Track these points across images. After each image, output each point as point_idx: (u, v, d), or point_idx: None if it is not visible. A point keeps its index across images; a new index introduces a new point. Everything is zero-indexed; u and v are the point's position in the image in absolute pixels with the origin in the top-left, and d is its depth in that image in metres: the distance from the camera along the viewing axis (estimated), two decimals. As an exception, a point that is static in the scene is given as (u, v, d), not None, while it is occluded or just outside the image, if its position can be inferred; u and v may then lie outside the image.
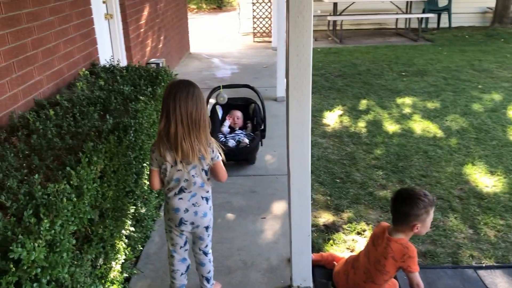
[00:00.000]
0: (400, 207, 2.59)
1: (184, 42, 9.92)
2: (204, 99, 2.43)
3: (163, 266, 3.09)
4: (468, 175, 4.39)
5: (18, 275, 1.62)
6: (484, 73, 8.08)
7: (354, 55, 9.82)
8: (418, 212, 2.52)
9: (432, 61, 9.00)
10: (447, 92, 6.98)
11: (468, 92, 6.95)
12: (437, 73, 8.10)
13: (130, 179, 2.73)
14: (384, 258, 2.59)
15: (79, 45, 4.29)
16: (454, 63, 8.81)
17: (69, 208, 1.94)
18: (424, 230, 2.60)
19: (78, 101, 3.25)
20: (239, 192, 4.10)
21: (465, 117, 5.90)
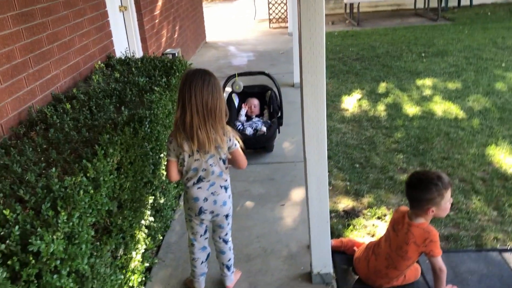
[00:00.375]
0: (412, 191, 2.54)
1: (200, 31, 9.90)
2: (220, 88, 2.40)
3: (184, 255, 3.11)
4: (491, 156, 4.28)
5: (38, 267, 1.64)
6: (507, 50, 7.84)
7: (372, 38, 9.65)
8: (431, 196, 2.47)
9: (453, 41, 8.78)
10: (469, 72, 6.81)
11: (490, 71, 6.76)
12: (458, 53, 7.90)
13: (148, 170, 2.75)
14: (406, 244, 2.55)
15: (94, 38, 4.32)
16: (476, 42, 8.58)
17: (86, 200, 1.96)
18: (442, 212, 2.54)
19: (94, 94, 3.27)
20: (258, 180, 4.09)
21: (488, 97, 5.75)
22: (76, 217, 1.86)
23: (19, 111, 3.00)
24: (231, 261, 2.73)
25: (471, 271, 2.86)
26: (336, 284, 2.78)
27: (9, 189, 2.04)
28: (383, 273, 2.67)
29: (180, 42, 7.95)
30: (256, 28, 12.13)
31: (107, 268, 2.21)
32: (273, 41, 10.07)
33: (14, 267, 1.59)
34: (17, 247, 1.64)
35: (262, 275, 2.87)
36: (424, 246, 2.51)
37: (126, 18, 5.81)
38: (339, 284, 2.79)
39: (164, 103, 3.09)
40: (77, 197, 1.91)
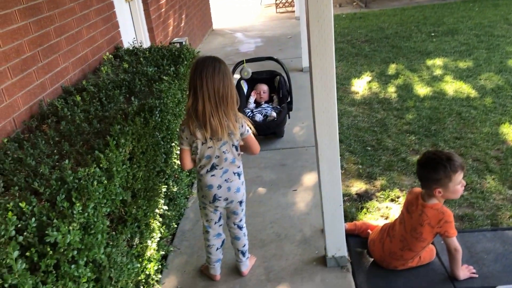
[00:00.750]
0: (420, 170, 2.53)
1: (206, 19, 9.85)
2: (231, 75, 2.40)
3: (199, 242, 3.14)
4: (505, 134, 4.22)
5: (56, 258, 1.67)
6: (519, 26, 7.71)
7: (381, 19, 9.52)
8: (437, 177, 2.44)
9: (463, 19, 8.64)
10: (480, 50, 6.70)
11: (502, 48, 6.65)
12: (468, 31, 7.77)
13: (160, 159, 2.76)
14: (420, 225, 2.54)
15: (102, 29, 4.31)
16: (487, 19, 8.42)
17: (100, 190, 1.97)
18: (451, 195, 2.50)
19: (104, 85, 3.28)
20: (269, 166, 4.09)
21: (501, 75, 5.66)
22: (91, 208, 1.88)
23: (30, 104, 3.02)
24: (245, 247, 2.75)
25: (487, 250, 2.84)
26: (351, 266, 2.78)
27: (24, 182, 2.06)
28: (398, 255, 2.67)
29: (187, 30, 7.92)
30: (263, 13, 12.03)
31: (124, 257, 2.24)
32: (280, 26, 9.99)
33: (33, 258, 1.61)
34: (34, 239, 1.66)
35: (277, 260, 2.88)
36: (439, 227, 2.50)
37: (132, 8, 5.79)
38: (354, 266, 2.80)
39: (174, 92, 3.09)
40: (91, 188, 1.92)
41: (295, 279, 2.70)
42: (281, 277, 2.73)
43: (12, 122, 2.80)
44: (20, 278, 1.50)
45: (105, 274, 2.00)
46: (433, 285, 2.62)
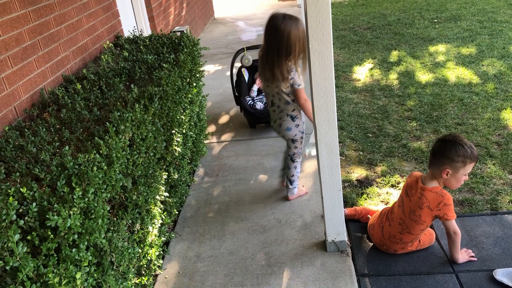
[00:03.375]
0: (440, 144, 2.51)
1: (208, 8, 9.81)
2: (290, 30, 2.79)
3: (200, 229, 3.17)
4: (507, 119, 4.22)
5: (57, 242, 1.69)
6: (523, 12, 7.64)
7: (383, 6, 9.46)
8: (454, 157, 2.44)
9: (466, 5, 8.57)
10: (483, 36, 6.65)
11: (505, 34, 6.60)
12: (471, 17, 7.71)
13: (160, 146, 2.77)
14: (419, 208, 2.55)
15: (102, 18, 4.31)
16: (490, 5, 8.35)
17: (100, 176, 1.99)
18: (453, 181, 2.51)
19: (104, 74, 3.29)
20: (271, 153, 4.11)
21: (503, 60, 5.62)
22: (91, 193, 1.90)
23: (31, 93, 3.04)
24: (293, 177, 3.28)
25: (486, 234, 2.86)
26: (351, 251, 2.81)
27: (25, 168, 2.08)
28: (398, 238, 2.69)
29: (188, 19, 7.90)
30: (265, 2, 11.96)
31: (125, 242, 2.27)
32: (282, 14, 9.93)
33: (34, 242, 1.64)
34: (35, 223, 1.68)
35: (278, 245, 2.91)
36: (438, 209, 2.51)
37: (132, -3, 5.78)
38: (354, 251, 2.82)
39: (173, 79, 3.09)
40: (91, 174, 1.94)
41: (295, 264, 2.73)
42: (282, 262, 2.76)
43: (13, 111, 2.82)
44: (22, 260, 1.52)
45: (106, 258, 2.04)
46: (432, 269, 2.64)
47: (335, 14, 9.26)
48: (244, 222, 3.18)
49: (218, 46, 7.88)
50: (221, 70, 6.56)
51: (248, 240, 3.00)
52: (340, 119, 4.59)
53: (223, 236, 3.07)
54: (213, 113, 5.05)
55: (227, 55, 7.15)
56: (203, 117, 4.04)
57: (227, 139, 4.47)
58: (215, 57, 7.21)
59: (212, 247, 2.97)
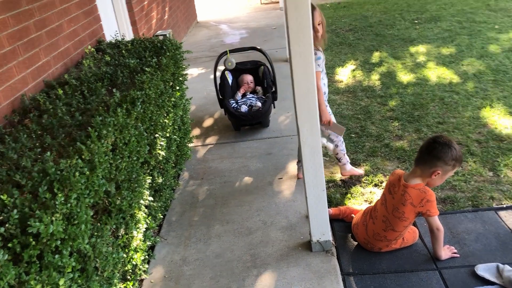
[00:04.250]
0: (434, 148, 2.54)
1: (190, 11, 9.80)
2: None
3: (186, 232, 3.17)
4: (486, 118, 4.29)
5: (39, 248, 1.68)
6: (500, 12, 7.78)
7: (365, 7, 9.55)
8: (448, 160, 2.51)
9: (446, 6, 8.70)
10: (462, 36, 6.77)
11: (484, 34, 6.72)
12: (451, 17, 7.84)
13: (143, 150, 2.76)
14: (402, 205, 2.59)
15: (83, 23, 4.28)
16: (469, 5, 8.49)
17: (82, 181, 1.98)
18: (438, 181, 2.59)
19: (86, 78, 3.27)
20: (255, 155, 4.12)
21: (482, 60, 5.73)
22: (73, 199, 1.89)
23: (12, 99, 3.00)
24: (338, 155, 3.57)
25: (468, 231, 2.91)
26: (336, 250, 2.83)
27: (5, 175, 2.06)
28: (382, 235, 2.72)
29: (171, 23, 7.88)
30: (247, 4, 11.99)
31: (109, 247, 2.26)
32: (265, 17, 9.98)
33: (15, 249, 1.62)
34: (16, 230, 1.66)
35: (263, 246, 2.92)
36: (421, 206, 2.55)
37: (114, 1, 5.75)
38: (339, 250, 2.85)
39: (156, 83, 3.09)
40: (73, 179, 1.93)
41: (281, 265, 2.74)
42: (267, 263, 2.77)
43: (-7, 117, 2.79)
44: (3, 268, 1.51)
45: (90, 264, 2.02)
46: (416, 266, 2.68)
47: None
48: (230, 225, 3.19)
49: (201, 49, 7.88)
50: (205, 73, 6.56)
51: (234, 243, 3.00)
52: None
53: (208, 239, 3.07)
54: (197, 116, 5.05)
55: (211, 58, 7.16)
56: (187, 121, 4.04)
57: (212, 142, 4.47)
58: (198, 61, 7.20)
59: (198, 251, 2.97)
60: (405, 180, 2.62)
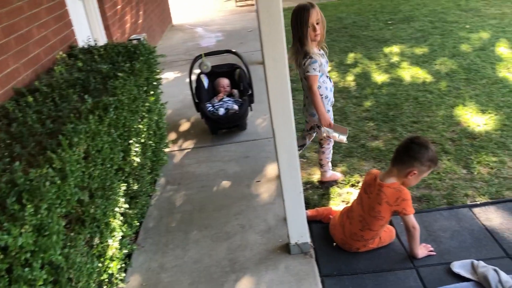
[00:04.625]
0: (411, 149, 2.56)
1: (165, 15, 9.73)
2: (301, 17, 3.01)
3: (163, 239, 3.13)
4: (459, 116, 4.37)
5: (8, 262, 1.63)
6: (471, 12, 7.95)
7: (339, 9, 9.64)
8: (424, 161, 2.54)
9: (418, 6, 8.85)
10: (435, 36, 6.88)
11: (455, 34, 6.85)
12: (423, 18, 7.97)
13: (117, 157, 2.72)
14: (378, 204, 2.61)
15: (54, 28, 4.20)
16: (441, 6, 8.66)
17: (53, 191, 1.93)
18: (414, 182, 2.64)
19: (57, 85, 3.20)
20: (233, 159, 4.10)
21: (454, 59, 5.83)
22: (44, 209, 1.84)
23: (-20, 108, 2.92)
24: (322, 162, 3.53)
25: (444, 228, 2.95)
26: (314, 252, 2.83)
27: (-27, 187, 2.00)
28: (359, 235, 2.73)
29: (145, 27, 7.81)
30: (223, 7, 11.98)
31: (83, 257, 2.21)
32: (240, 20, 9.98)
33: (-17, 264, 1.57)
34: (-16, 244, 1.61)
35: (242, 250, 2.90)
36: (397, 205, 2.58)
37: (86, 6, 5.66)
38: (317, 252, 2.85)
39: (129, 88, 3.05)
40: (43, 189, 1.88)
41: (260, 268, 2.73)
42: (246, 267, 2.75)
43: (-40, 127, 2.71)
44: (-31, 284, 1.46)
45: (63, 275, 1.97)
46: (393, 265, 2.70)
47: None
48: (208, 230, 3.16)
49: (177, 53, 7.83)
50: (181, 77, 6.51)
51: (212, 248, 2.98)
52: (301, 122, 4.63)
53: (186, 245, 3.03)
54: (174, 121, 5.01)
55: (186, 62, 7.10)
56: (162, 125, 4.00)
57: (189, 147, 4.44)
58: (174, 64, 7.15)
59: (175, 257, 2.94)
60: (380, 179, 2.65)
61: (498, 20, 7.26)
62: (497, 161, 3.57)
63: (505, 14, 7.56)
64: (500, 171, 3.45)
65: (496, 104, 4.48)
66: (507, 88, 4.80)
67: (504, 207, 3.06)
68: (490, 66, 5.45)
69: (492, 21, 7.25)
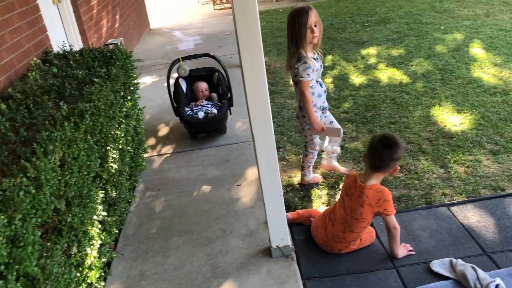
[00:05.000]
0: (388, 154, 2.56)
1: (142, 19, 9.65)
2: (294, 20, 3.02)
3: (143, 246, 3.09)
4: (436, 116, 4.44)
5: (-19, 275, 1.59)
6: (445, 13, 8.10)
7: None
8: (401, 154, 2.61)
9: (394, 8, 8.97)
10: (411, 37, 6.99)
11: (431, 35, 6.97)
12: (399, 19, 8.09)
13: (94, 164, 2.68)
14: (360, 206, 2.63)
15: (27, 34, 4.13)
16: (416, 7, 8.80)
17: (28, 201, 1.89)
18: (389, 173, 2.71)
19: (32, 92, 3.14)
20: (213, 163, 4.08)
21: (430, 60, 5.93)
22: (18, 220, 1.79)
23: (-49, 116, 2.84)
24: (303, 164, 3.54)
25: (423, 228, 2.98)
26: (295, 255, 2.83)
27: None
28: (341, 237, 2.74)
29: (122, 31, 7.73)
30: (201, 11, 11.95)
31: (61, 267, 2.17)
32: (218, 23, 9.97)
33: (-45, 278, 1.53)
34: (-45, 257, 1.57)
35: (223, 256, 2.89)
36: (378, 206, 2.60)
37: (61, 10, 5.58)
38: (298, 255, 2.85)
39: (106, 94, 3.01)
40: (17, 199, 1.84)
41: (241, 273, 2.72)
42: (228, 273, 2.74)
43: None
44: None
45: (40, 287, 1.93)
46: (374, 266, 2.72)
47: (271, 21, 9.40)
48: (188, 236, 3.13)
49: (155, 57, 7.77)
50: (159, 81, 6.47)
51: (193, 254, 2.95)
52: (280, 125, 4.65)
53: (167, 252, 3.00)
54: (152, 126, 4.96)
55: (165, 66, 7.06)
56: (140, 131, 3.96)
57: (168, 152, 4.40)
58: (152, 68, 7.09)
59: (156, 264, 2.90)
60: (361, 181, 2.66)
61: (472, 21, 7.41)
62: (473, 160, 3.63)
63: (477, 15, 7.73)
64: (476, 169, 3.51)
65: (471, 104, 4.57)
66: (481, 88, 4.90)
67: (480, 205, 3.11)
68: (465, 66, 5.56)
69: (465, 22, 7.39)
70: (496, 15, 7.58)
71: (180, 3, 13.73)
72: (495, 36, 6.49)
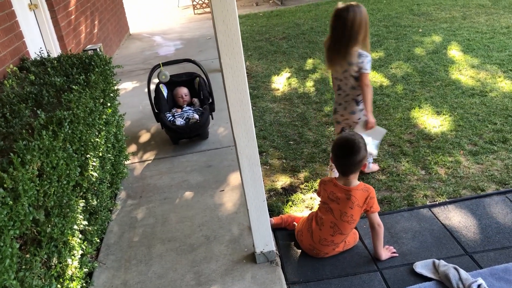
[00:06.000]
0: (352, 159, 2.61)
1: (122, 24, 9.57)
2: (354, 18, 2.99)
3: (125, 255, 3.04)
4: (416, 118, 4.49)
5: (-43, 291, 1.54)
6: (423, 16, 8.21)
7: (297, 15, 9.76)
8: (365, 154, 2.65)
9: (373, 11, 9.06)
10: (390, 40, 7.07)
11: (409, 38, 7.06)
12: (378, 23, 8.17)
13: (74, 173, 2.63)
14: (350, 208, 2.65)
15: (3, 40, 4.05)
16: (394, 10, 8.90)
17: (5, 212, 1.84)
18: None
19: (8, 100, 3.07)
20: (195, 168, 4.05)
21: (409, 62, 6.00)
22: (-5, 232, 1.75)
23: None
24: None
25: (405, 229, 3.00)
26: (280, 260, 2.82)
27: None
28: (329, 240, 2.75)
29: (101, 37, 7.64)
30: (181, 15, 11.91)
31: (41, 279, 2.12)
32: (199, 28, 9.94)
33: None
34: None
35: (207, 262, 2.86)
36: (366, 204, 2.65)
37: (38, 16, 5.50)
38: (283, 259, 2.85)
39: (85, 101, 2.96)
40: (-6, 211, 1.79)
41: (226, 280, 2.69)
42: (212, 280, 2.71)
43: None
44: None
45: (19, 300, 1.88)
46: (358, 269, 2.73)
47: (251, 25, 9.41)
48: (172, 243, 3.10)
49: (135, 62, 7.70)
50: (140, 87, 6.41)
51: (176, 261, 2.92)
52: (263, 129, 4.65)
53: (150, 260, 2.96)
54: (133, 132, 4.91)
55: (145, 71, 7.00)
56: (121, 137, 3.91)
57: (150, 158, 4.35)
58: (132, 74, 7.03)
59: (139, 273, 2.86)
60: (344, 184, 2.68)
61: (449, 23, 7.53)
62: (453, 161, 3.68)
63: (454, 18, 7.86)
64: (456, 170, 3.56)
65: (450, 106, 4.63)
66: (460, 90, 4.98)
67: (461, 206, 3.15)
68: (443, 68, 5.64)
69: (443, 24, 7.51)
70: (473, 18, 7.72)
71: (160, 7, 13.66)
72: (472, 38, 6.61)
